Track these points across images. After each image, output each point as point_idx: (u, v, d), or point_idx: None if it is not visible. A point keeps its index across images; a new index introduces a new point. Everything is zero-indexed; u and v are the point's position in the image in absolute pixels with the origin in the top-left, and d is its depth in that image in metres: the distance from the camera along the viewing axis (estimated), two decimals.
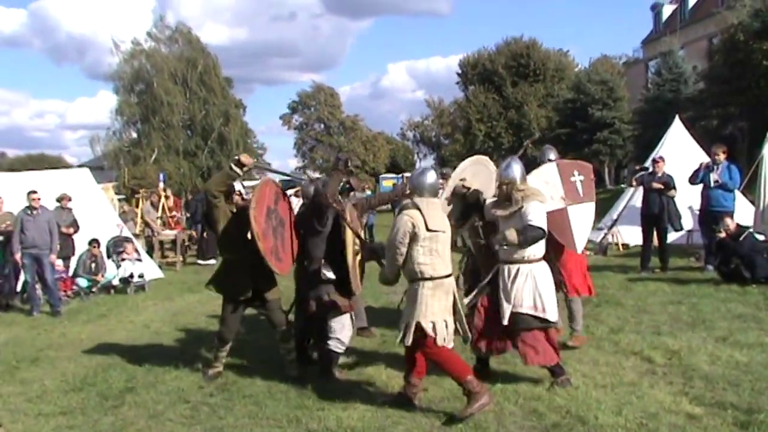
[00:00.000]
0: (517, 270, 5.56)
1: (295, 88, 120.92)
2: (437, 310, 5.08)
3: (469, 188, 5.99)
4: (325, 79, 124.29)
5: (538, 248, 5.57)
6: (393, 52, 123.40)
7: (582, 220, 6.43)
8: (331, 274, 6.08)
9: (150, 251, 15.59)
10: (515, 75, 43.02)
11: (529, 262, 5.56)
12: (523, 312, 5.50)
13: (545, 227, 5.47)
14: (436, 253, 5.08)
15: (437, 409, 5.25)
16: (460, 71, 48.14)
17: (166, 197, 17.84)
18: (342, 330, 6.21)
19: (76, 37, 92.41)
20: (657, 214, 11.26)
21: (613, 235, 14.31)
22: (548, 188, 6.19)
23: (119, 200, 21.56)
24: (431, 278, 5.07)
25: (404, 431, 4.93)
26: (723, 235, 10.00)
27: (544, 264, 5.65)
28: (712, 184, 10.91)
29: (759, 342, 6.64)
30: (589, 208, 6.51)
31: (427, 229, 5.01)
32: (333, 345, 6.20)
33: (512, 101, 42.09)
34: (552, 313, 5.53)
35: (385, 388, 5.84)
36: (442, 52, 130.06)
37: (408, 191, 5.44)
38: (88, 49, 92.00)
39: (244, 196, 6.47)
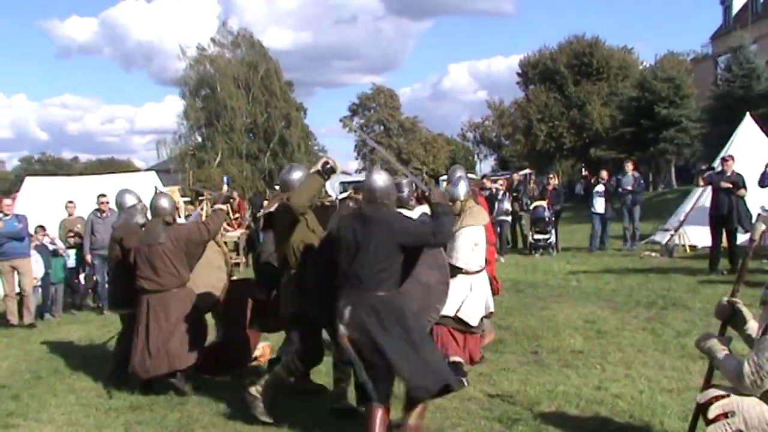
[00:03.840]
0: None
1: (355, 90, 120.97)
2: None
3: None
4: (386, 81, 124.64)
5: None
6: (455, 53, 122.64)
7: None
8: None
9: None
10: (577, 74, 42.23)
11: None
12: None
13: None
14: None
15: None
16: (520, 71, 47.62)
17: (232, 199, 18.17)
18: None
19: (144, 43, 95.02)
20: (726, 215, 10.93)
21: (680, 237, 13.94)
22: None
23: (185, 203, 22.07)
24: None
25: None
26: None
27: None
28: None
29: None
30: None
31: None
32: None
33: (574, 100, 41.35)
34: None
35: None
36: (504, 52, 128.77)
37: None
38: (155, 56, 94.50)
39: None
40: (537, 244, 15.32)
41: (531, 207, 15.94)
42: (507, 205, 15.42)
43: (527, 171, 34.41)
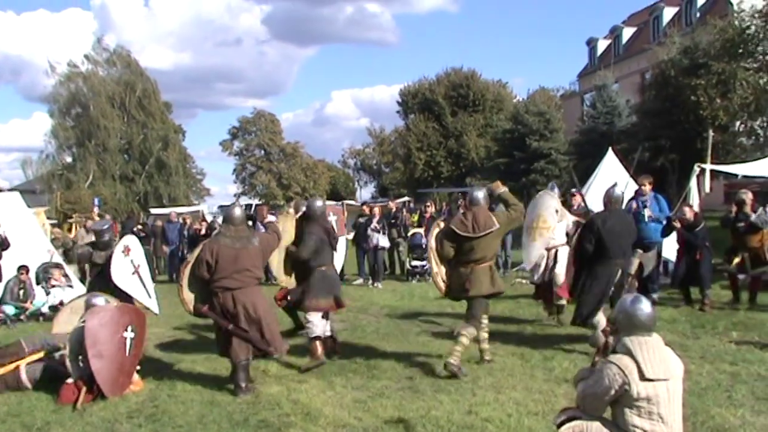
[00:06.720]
0: None
1: (238, 113, 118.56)
2: None
3: None
4: (269, 106, 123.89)
5: None
6: (339, 80, 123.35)
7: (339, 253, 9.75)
8: None
9: (83, 278, 15.12)
10: (455, 105, 43.73)
11: None
12: None
13: None
14: (658, 419, 3.80)
15: None
16: (400, 100, 48.68)
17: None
18: None
19: (12, 57, 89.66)
20: None
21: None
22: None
23: (51, 225, 20.93)
24: None
25: None
26: (678, 225, 10.45)
27: None
28: (646, 220, 11.18)
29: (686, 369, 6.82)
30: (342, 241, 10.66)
31: (643, 378, 3.78)
32: None
33: (452, 131, 42.72)
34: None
35: (318, 414, 5.77)
36: (386, 81, 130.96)
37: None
38: (23, 70, 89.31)
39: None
40: (414, 271, 15.55)
41: (409, 234, 16.22)
42: (382, 234, 15.39)
43: (405, 199, 35.08)
